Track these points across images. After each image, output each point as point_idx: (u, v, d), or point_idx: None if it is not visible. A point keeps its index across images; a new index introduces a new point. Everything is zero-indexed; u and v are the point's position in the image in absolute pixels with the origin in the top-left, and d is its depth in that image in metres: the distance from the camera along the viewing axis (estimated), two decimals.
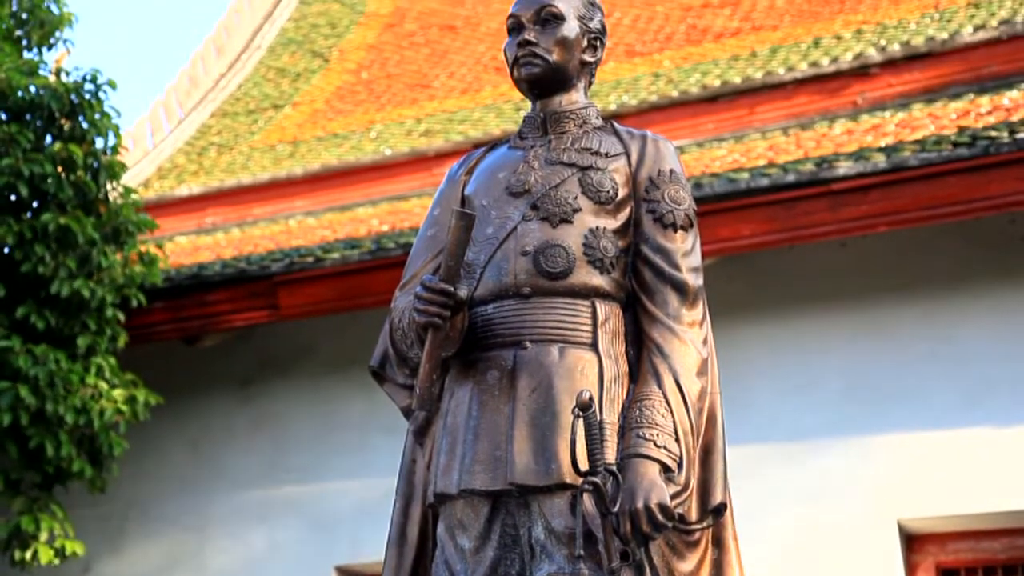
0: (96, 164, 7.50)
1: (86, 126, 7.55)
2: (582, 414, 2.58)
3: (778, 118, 9.91)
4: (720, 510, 2.87)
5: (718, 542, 2.91)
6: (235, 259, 8.32)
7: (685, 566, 2.82)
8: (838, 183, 6.69)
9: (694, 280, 2.97)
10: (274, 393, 8.53)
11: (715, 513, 2.87)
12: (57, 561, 7.30)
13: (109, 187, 7.63)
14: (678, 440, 2.79)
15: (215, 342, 8.48)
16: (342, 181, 11.58)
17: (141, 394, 7.44)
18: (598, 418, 2.62)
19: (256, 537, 8.26)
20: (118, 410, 7.25)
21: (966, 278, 7.05)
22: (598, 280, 2.93)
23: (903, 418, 6.95)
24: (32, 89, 7.46)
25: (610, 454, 2.75)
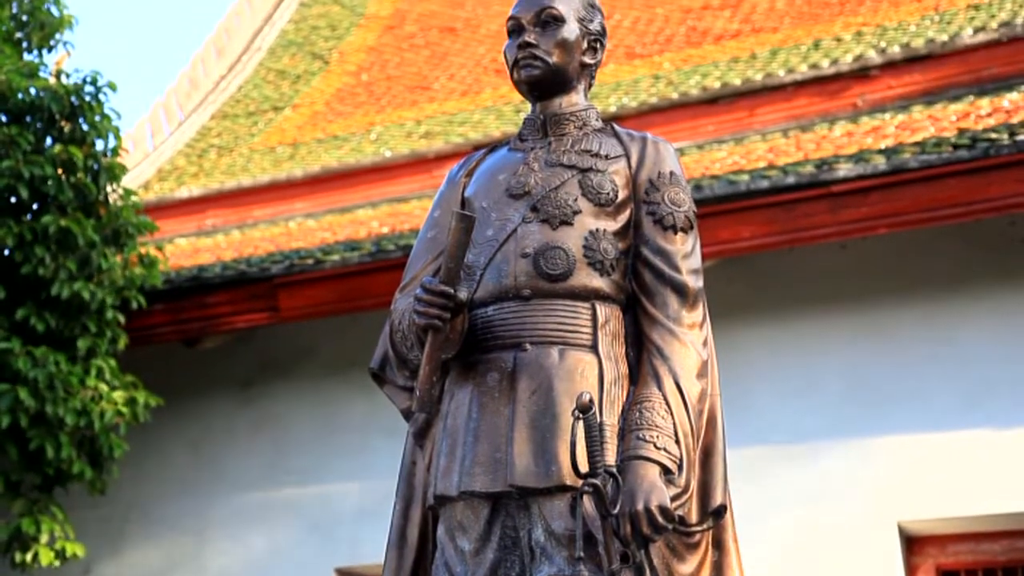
0: (96, 166, 7.51)
1: (86, 128, 7.56)
2: (582, 416, 2.58)
3: (778, 120, 9.91)
4: (720, 512, 2.87)
5: (718, 544, 2.91)
6: (235, 261, 8.32)
7: (685, 568, 2.82)
8: (838, 185, 6.69)
9: (694, 282, 2.97)
10: (274, 395, 8.53)
11: (715, 515, 2.87)
12: (57, 563, 7.30)
13: (109, 189, 7.63)
14: (678, 442, 2.79)
15: (215, 344, 8.48)
16: (342, 183, 11.58)
17: (141, 396, 7.44)
18: (598, 420, 2.62)
19: (256, 539, 8.26)
20: (118, 412, 7.25)
21: (966, 280, 7.05)
22: (598, 282, 2.93)
23: (903, 420, 6.95)
24: (32, 91, 7.46)
25: (610, 456, 2.75)
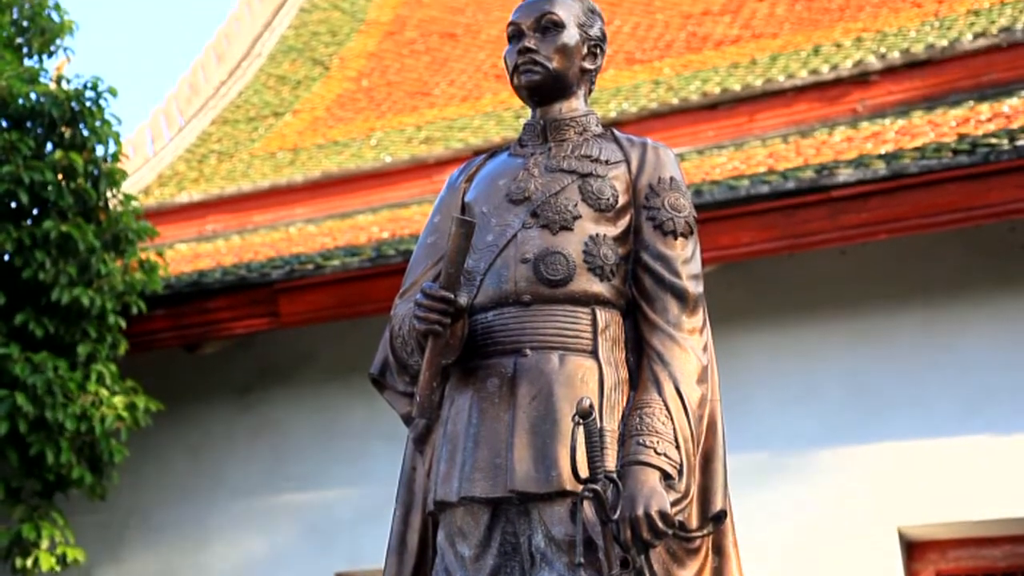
0: (96, 171, 7.51)
1: (87, 133, 7.56)
2: (582, 421, 2.58)
3: (778, 125, 9.91)
4: (720, 517, 2.87)
5: (718, 549, 2.91)
6: (235, 266, 8.31)
7: (686, 573, 2.82)
8: (838, 190, 6.69)
9: (694, 287, 2.97)
10: (274, 400, 8.53)
11: (715, 520, 2.87)
12: (58, 568, 7.30)
13: (109, 194, 7.64)
14: (678, 447, 2.79)
15: (215, 349, 8.48)
16: (342, 188, 11.58)
17: (141, 401, 7.44)
18: (598, 425, 2.62)
19: (256, 544, 8.25)
20: (119, 417, 7.24)
21: (966, 286, 7.05)
22: (598, 287, 2.93)
23: (903, 426, 6.95)
24: (33, 97, 7.47)
25: (610, 461, 2.75)
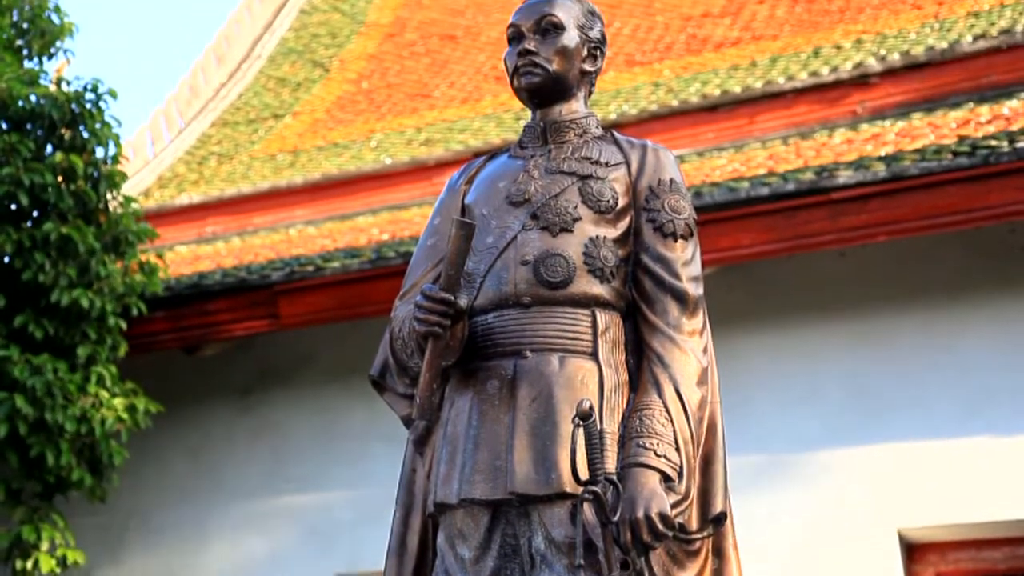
0: (96, 174, 7.51)
1: (87, 136, 7.56)
2: (582, 423, 2.58)
3: (778, 127, 9.91)
4: (720, 519, 2.87)
5: (718, 551, 2.90)
6: (235, 268, 8.31)
7: (685, 575, 2.82)
8: (838, 192, 6.69)
9: (694, 289, 2.97)
10: (274, 402, 8.52)
11: (715, 522, 2.87)
12: (58, 570, 7.29)
13: (109, 196, 7.64)
14: (678, 449, 2.79)
15: (215, 351, 8.48)
16: (342, 190, 11.58)
17: (141, 403, 7.44)
18: (598, 427, 2.62)
19: (256, 546, 8.25)
20: (119, 419, 7.24)
21: (966, 288, 7.05)
22: (598, 289, 2.93)
23: (903, 427, 6.95)
24: (33, 99, 7.48)
25: (610, 463, 2.75)
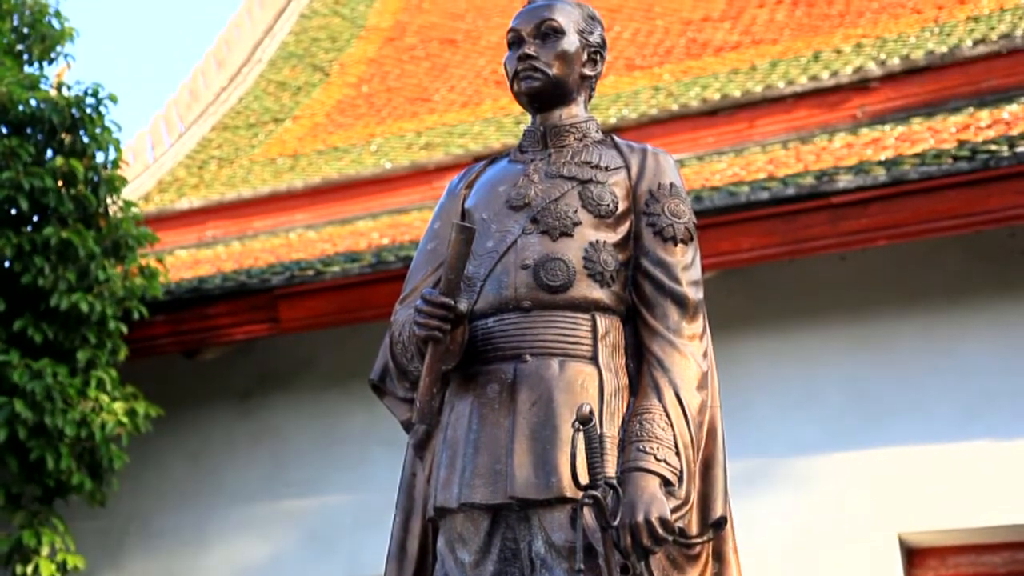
0: (96, 178, 7.51)
1: (87, 140, 7.56)
2: (582, 428, 2.58)
3: (778, 131, 9.92)
4: (721, 524, 2.87)
5: (719, 556, 2.90)
6: (235, 272, 8.31)
7: None
8: (838, 196, 6.69)
9: (694, 293, 2.97)
10: (274, 406, 8.52)
11: (716, 527, 2.86)
12: (58, 575, 7.29)
13: (109, 201, 7.64)
14: (678, 454, 2.79)
15: (215, 355, 8.47)
16: (342, 194, 11.59)
17: (141, 407, 7.43)
18: (598, 432, 2.62)
19: (256, 551, 8.24)
20: (119, 422, 7.24)
21: (966, 292, 7.05)
22: (598, 293, 2.93)
23: (903, 431, 6.94)
24: (33, 103, 7.48)
25: (610, 468, 2.74)
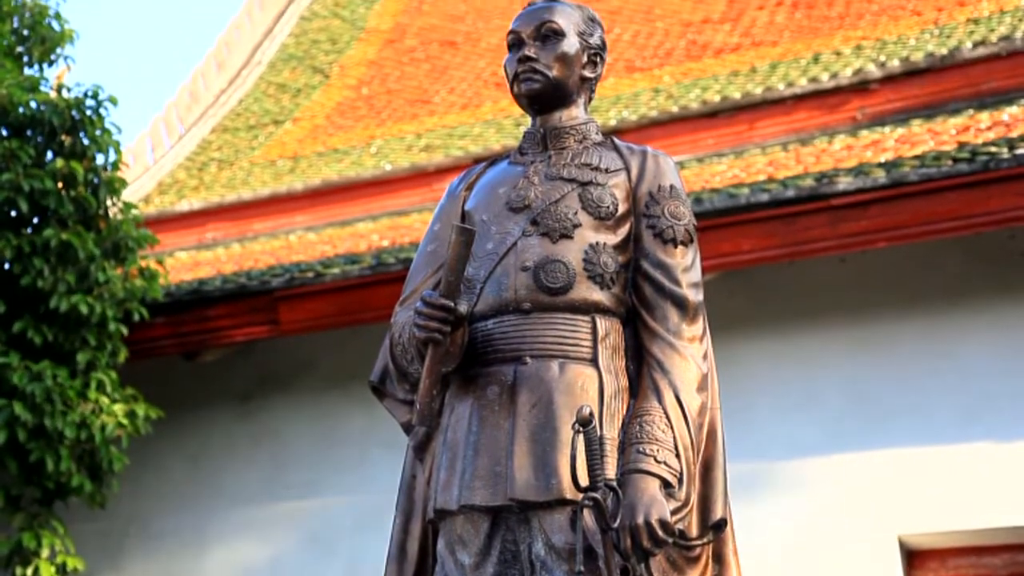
0: (96, 180, 7.51)
1: (87, 142, 7.56)
2: (582, 429, 2.58)
3: (778, 133, 9.92)
4: (720, 526, 2.87)
5: (719, 558, 2.90)
6: (235, 274, 8.32)
7: None
8: (838, 198, 6.69)
9: (694, 295, 2.97)
10: (274, 408, 8.52)
11: (715, 529, 2.86)
12: None
13: (109, 203, 7.64)
14: (678, 455, 2.79)
15: (215, 357, 8.48)
16: (342, 196, 11.59)
17: (141, 409, 7.42)
18: (598, 433, 2.62)
19: (255, 553, 8.24)
20: (119, 424, 7.24)
21: (966, 293, 7.05)
22: (598, 295, 2.93)
23: (903, 433, 6.94)
24: (33, 105, 7.47)
25: (610, 469, 2.74)
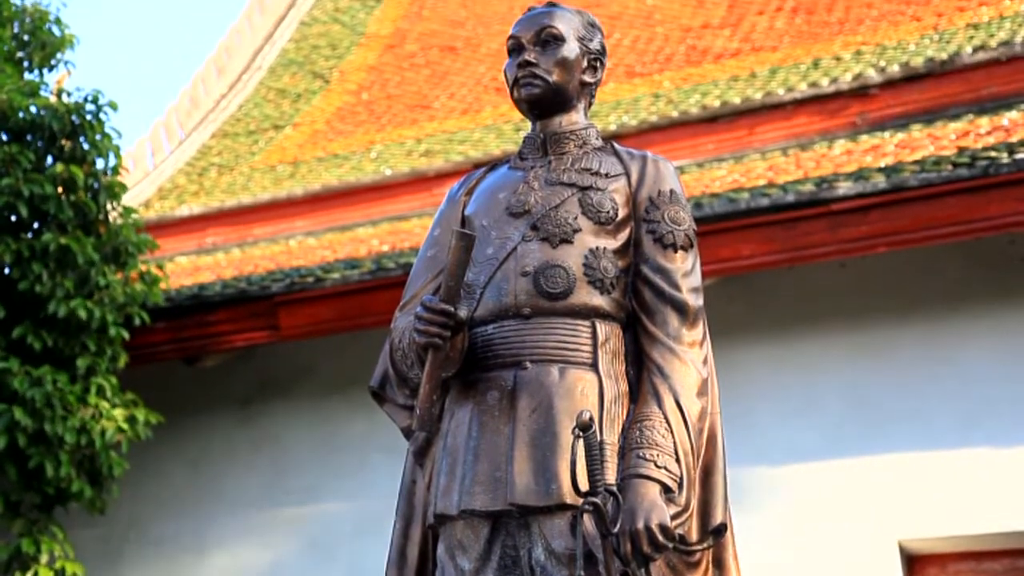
0: (96, 185, 7.51)
1: (87, 147, 7.56)
2: (582, 434, 2.58)
3: (778, 138, 9.92)
4: (721, 530, 2.87)
5: (719, 563, 2.90)
6: (235, 279, 8.31)
7: None
8: (838, 203, 6.69)
9: (694, 300, 2.97)
10: (274, 414, 8.52)
11: (716, 534, 2.86)
12: None
13: (109, 207, 7.64)
14: (678, 460, 2.79)
15: (215, 362, 8.47)
16: (342, 201, 11.59)
17: (141, 414, 7.42)
18: (598, 438, 2.62)
19: (256, 558, 8.23)
20: (119, 429, 7.23)
21: (966, 298, 7.05)
22: (598, 300, 2.93)
23: (903, 438, 6.94)
24: (33, 110, 7.48)
25: (610, 474, 2.74)
